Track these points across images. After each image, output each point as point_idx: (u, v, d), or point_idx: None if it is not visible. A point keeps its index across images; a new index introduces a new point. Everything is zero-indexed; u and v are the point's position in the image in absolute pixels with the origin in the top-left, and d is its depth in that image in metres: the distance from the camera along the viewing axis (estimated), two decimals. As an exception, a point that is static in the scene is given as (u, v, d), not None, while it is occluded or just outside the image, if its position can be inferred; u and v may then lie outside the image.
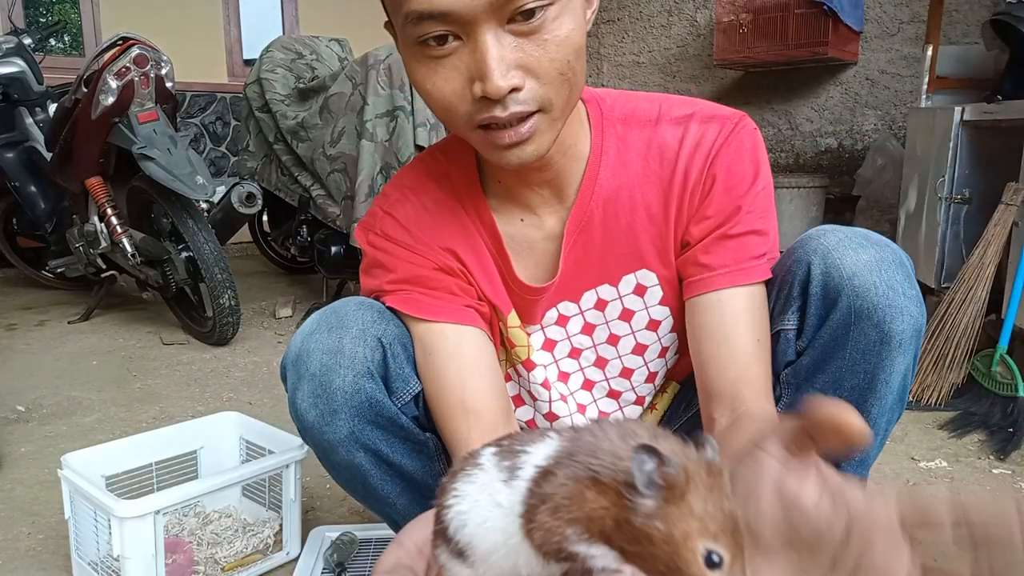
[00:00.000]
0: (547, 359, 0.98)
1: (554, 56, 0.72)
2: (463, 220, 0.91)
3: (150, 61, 2.63)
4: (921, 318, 0.82)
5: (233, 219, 3.26)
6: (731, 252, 0.85)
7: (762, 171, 0.87)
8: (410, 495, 0.98)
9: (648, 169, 0.88)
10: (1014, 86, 2.55)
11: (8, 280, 3.98)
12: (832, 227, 0.87)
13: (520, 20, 0.69)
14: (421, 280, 0.89)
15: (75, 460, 1.27)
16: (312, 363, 0.88)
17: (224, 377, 2.44)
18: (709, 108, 0.89)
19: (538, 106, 0.74)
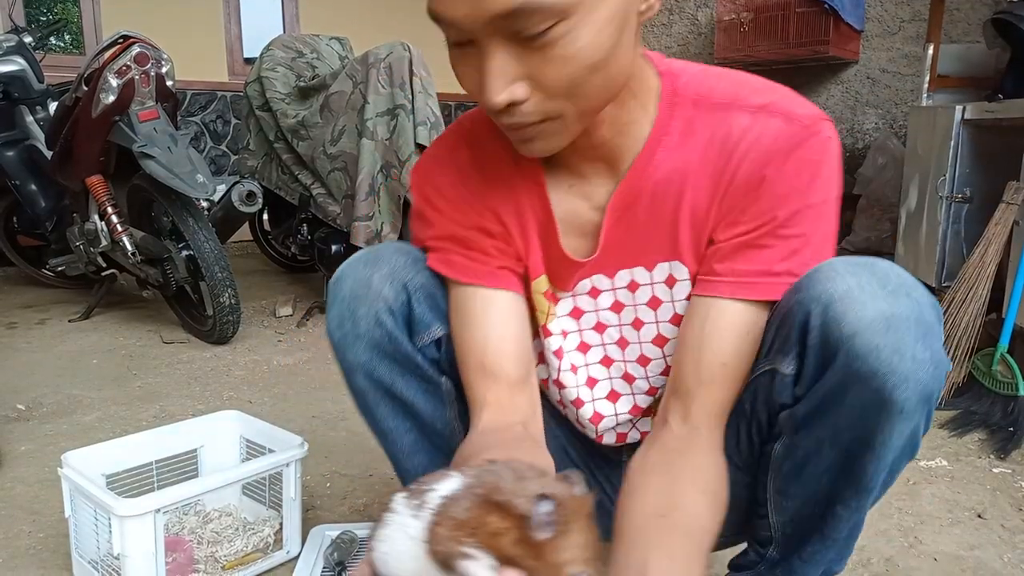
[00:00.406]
0: (572, 326, 0.97)
1: (561, 72, 0.70)
2: (513, 180, 0.90)
3: (151, 59, 2.63)
4: (933, 383, 0.73)
5: (233, 218, 3.26)
6: (744, 262, 0.81)
7: (818, 188, 0.79)
8: (416, 435, 1.03)
9: (707, 158, 0.82)
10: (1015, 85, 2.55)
11: (8, 278, 3.98)
12: (844, 267, 0.76)
13: (526, 35, 0.67)
14: (459, 239, 0.92)
15: (75, 458, 1.27)
16: (344, 288, 0.95)
17: (224, 376, 2.44)
18: (788, 102, 0.81)
19: (543, 117, 0.73)
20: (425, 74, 2.74)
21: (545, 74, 0.70)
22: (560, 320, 0.96)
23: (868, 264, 0.76)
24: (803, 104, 0.82)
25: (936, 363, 0.72)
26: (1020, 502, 1.58)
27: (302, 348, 2.76)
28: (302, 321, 3.10)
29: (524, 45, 0.68)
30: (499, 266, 0.91)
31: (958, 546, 1.41)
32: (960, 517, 1.51)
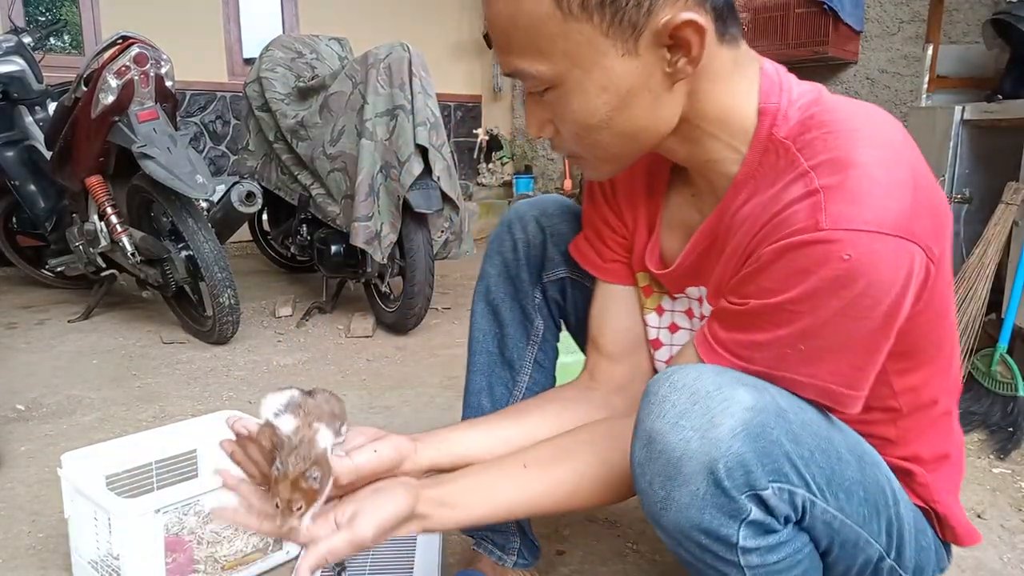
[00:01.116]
0: (686, 323, 1.02)
1: (563, 127, 0.81)
2: (642, 183, 0.97)
3: (150, 60, 2.63)
4: (660, 518, 0.73)
5: (233, 218, 3.25)
6: (720, 325, 0.79)
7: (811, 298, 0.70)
8: (488, 358, 1.17)
9: (762, 215, 0.76)
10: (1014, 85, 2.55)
11: (8, 279, 3.98)
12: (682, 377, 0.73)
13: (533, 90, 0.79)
14: (592, 226, 1.05)
15: (75, 459, 1.27)
16: (508, 215, 1.17)
17: (224, 376, 2.44)
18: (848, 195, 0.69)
19: (571, 155, 0.84)
20: (424, 75, 2.74)
21: (556, 123, 0.81)
22: (674, 315, 1.02)
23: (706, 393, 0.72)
24: (867, 200, 0.68)
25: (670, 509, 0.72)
26: (1020, 502, 1.58)
27: (301, 348, 2.76)
28: (301, 321, 3.10)
29: (540, 99, 0.79)
30: (612, 260, 1.03)
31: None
32: (959, 517, 1.51)
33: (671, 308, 1.02)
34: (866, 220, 0.67)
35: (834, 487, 0.76)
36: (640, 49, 0.73)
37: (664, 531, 0.75)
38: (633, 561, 1.36)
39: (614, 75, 0.74)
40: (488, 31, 0.77)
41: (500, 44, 0.76)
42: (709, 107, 0.80)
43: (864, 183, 0.69)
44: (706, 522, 0.71)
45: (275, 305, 3.30)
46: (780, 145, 0.77)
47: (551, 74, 0.75)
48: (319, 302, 3.30)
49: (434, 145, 2.70)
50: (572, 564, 1.35)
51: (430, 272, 2.78)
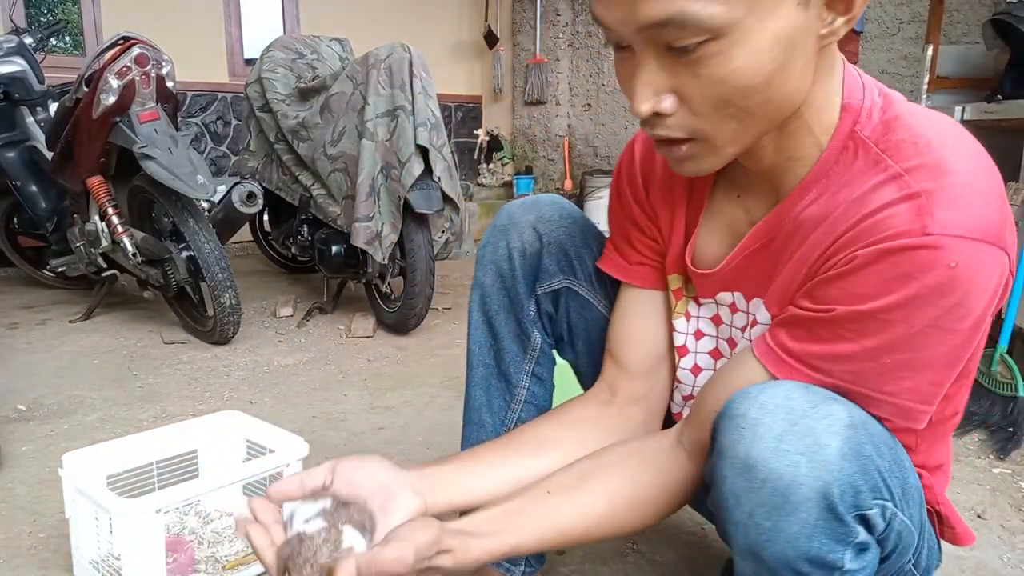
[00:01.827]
0: (710, 330, 0.98)
1: (708, 92, 0.66)
2: (689, 180, 0.91)
3: (151, 61, 2.63)
4: (761, 550, 0.68)
5: (234, 218, 3.26)
6: (788, 335, 0.74)
7: (907, 306, 0.66)
8: (486, 371, 1.14)
9: (847, 212, 0.72)
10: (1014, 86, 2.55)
11: (9, 279, 3.99)
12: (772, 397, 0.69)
13: (677, 47, 0.64)
14: (618, 226, 1.01)
15: (76, 459, 1.27)
16: (500, 218, 1.10)
17: (225, 376, 2.45)
18: (950, 201, 0.66)
19: (688, 135, 0.70)
20: (425, 75, 2.75)
21: (693, 90, 0.67)
22: (700, 321, 0.97)
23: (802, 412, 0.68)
24: (965, 207, 0.66)
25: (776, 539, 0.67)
26: (1020, 502, 1.58)
27: (302, 348, 2.77)
28: (302, 321, 3.10)
29: (676, 57, 0.65)
30: (639, 262, 0.99)
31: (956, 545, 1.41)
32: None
33: (697, 314, 0.97)
34: (972, 228, 0.65)
35: (907, 496, 0.74)
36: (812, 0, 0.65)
37: (762, 563, 0.70)
38: (633, 561, 1.36)
39: (787, 25, 0.64)
40: None
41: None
42: (817, 92, 0.73)
43: (966, 190, 0.67)
44: (815, 550, 0.67)
45: (276, 305, 3.30)
46: (861, 144, 0.73)
47: (723, 20, 0.61)
48: (320, 302, 3.30)
49: (435, 146, 2.70)
50: (572, 564, 1.35)
51: (431, 272, 2.78)
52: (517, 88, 6.12)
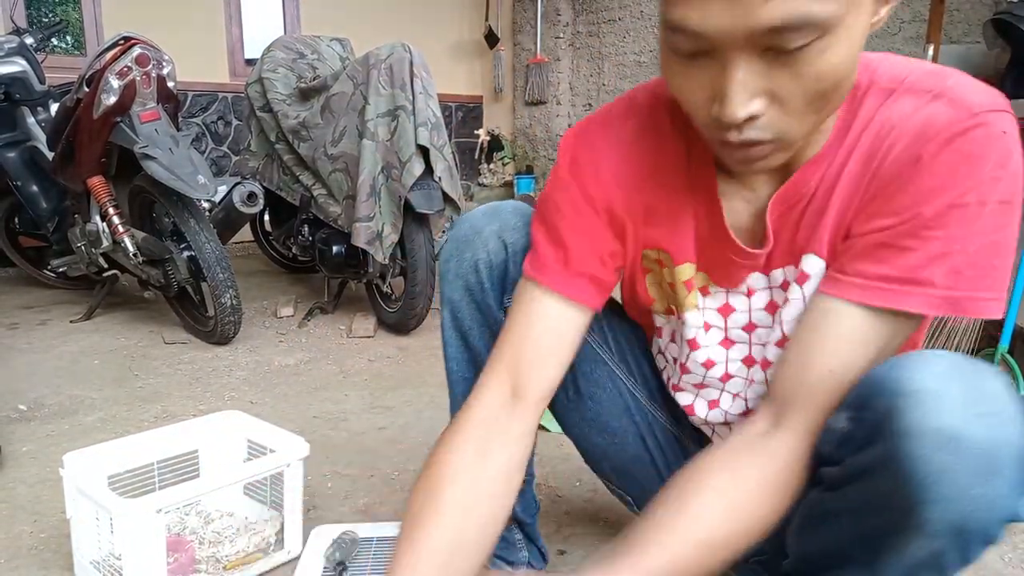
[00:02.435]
0: (718, 321, 0.93)
1: (808, 89, 0.65)
2: (680, 158, 0.86)
3: (152, 61, 2.63)
4: (975, 521, 0.67)
5: (235, 218, 3.26)
6: (875, 264, 0.73)
7: (976, 185, 0.69)
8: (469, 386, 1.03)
9: (863, 143, 0.75)
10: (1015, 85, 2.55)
11: (10, 279, 3.99)
12: (942, 366, 0.68)
13: (779, 50, 0.63)
14: (568, 225, 0.89)
15: (77, 459, 1.27)
16: (461, 230, 1.04)
17: (226, 376, 2.45)
18: (963, 88, 0.72)
19: (775, 135, 0.69)
20: (426, 75, 2.75)
21: (791, 90, 0.65)
22: (705, 312, 0.93)
23: (970, 375, 0.67)
24: (980, 91, 0.72)
25: (988, 504, 0.66)
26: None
27: (303, 348, 2.77)
28: (303, 321, 3.10)
29: (774, 59, 0.64)
30: (580, 272, 0.89)
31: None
32: (960, 517, 1.52)
33: (703, 306, 0.92)
34: (995, 102, 0.71)
35: None
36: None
37: (964, 536, 0.68)
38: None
39: (865, 20, 0.65)
40: None
41: None
42: None
43: (968, 80, 0.73)
44: (1014, 508, 0.67)
45: (277, 305, 3.30)
46: (879, 90, 0.76)
47: (836, 17, 0.61)
48: (321, 302, 3.30)
49: (435, 145, 2.70)
50: (573, 563, 1.35)
51: (431, 272, 2.78)
52: (518, 88, 6.12)
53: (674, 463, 1.09)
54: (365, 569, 1.28)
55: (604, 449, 1.13)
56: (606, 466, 1.16)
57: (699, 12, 0.62)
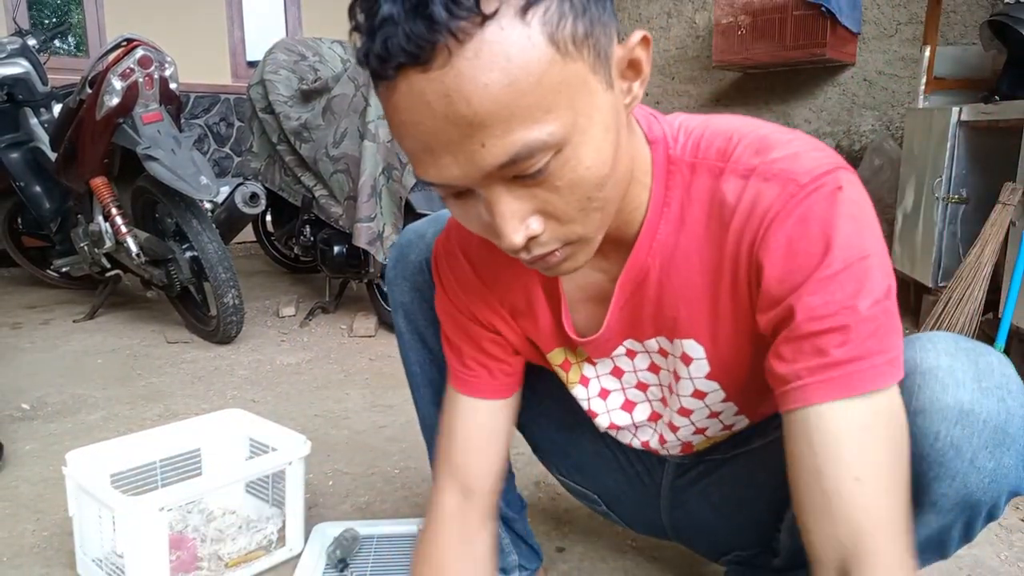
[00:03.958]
0: (614, 384, 0.93)
1: (570, 198, 0.63)
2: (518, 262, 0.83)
3: (154, 62, 2.65)
4: (984, 495, 0.69)
5: (237, 219, 3.27)
6: (807, 356, 0.66)
7: (834, 251, 0.65)
8: (434, 389, 1.10)
9: (710, 229, 0.73)
10: (1011, 86, 2.56)
11: (13, 279, 4.00)
12: (946, 345, 0.71)
13: (526, 175, 0.61)
14: (453, 328, 0.93)
15: (79, 457, 1.28)
16: (404, 237, 1.05)
17: (228, 375, 2.46)
18: (786, 154, 0.69)
19: (563, 243, 0.67)
20: (426, 76, 2.75)
21: (556, 204, 0.64)
22: (601, 379, 0.93)
23: (975, 352, 0.70)
24: (808, 156, 0.68)
25: (997, 477, 0.68)
26: (1017, 501, 1.59)
27: (305, 348, 2.78)
28: (305, 321, 3.11)
29: (526, 182, 0.62)
30: (476, 371, 0.92)
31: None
32: (954, 515, 1.53)
33: (595, 375, 0.93)
34: (825, 159, 0.68)
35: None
36: (612, 78, 0.63)
37: (974, 509, 0.70)
38: (632, 558, 1.38)
39: (607, 112, 0.63)
40: (469, 120, 0.57)
41: (497, 124, 0.57)
42: (632, 144, 0.72)
43: (796, 142, 0.70)
44: (1021, 482, 0.69)
45: (279, 305, 3.32)
46: (683, 163, 0.74)
47: (562, 132, 0.59)
48: (322, 302, 3.31)
49: (435, 146, 2.71)
50: (572, 561, 1.36)
51: (432, 273, 2.79)
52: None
53: (635, 457, 1.09)
54: (366, 566, 1.29)
55: (564, 446, 1.12)
56: (568, 464, 1.15)
57: (434, 170, 0.62)
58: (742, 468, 1.00)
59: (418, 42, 0.55)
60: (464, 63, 0.55)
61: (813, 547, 0.67)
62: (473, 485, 0.93)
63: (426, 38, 0.54)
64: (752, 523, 1.04)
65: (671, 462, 1.06)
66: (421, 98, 0.57)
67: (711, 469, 1.03)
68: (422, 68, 0.56)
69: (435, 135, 0.59)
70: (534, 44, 0.56)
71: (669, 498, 1.09)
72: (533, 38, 0.56)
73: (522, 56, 0.56)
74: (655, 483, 1.08)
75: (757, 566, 1.09)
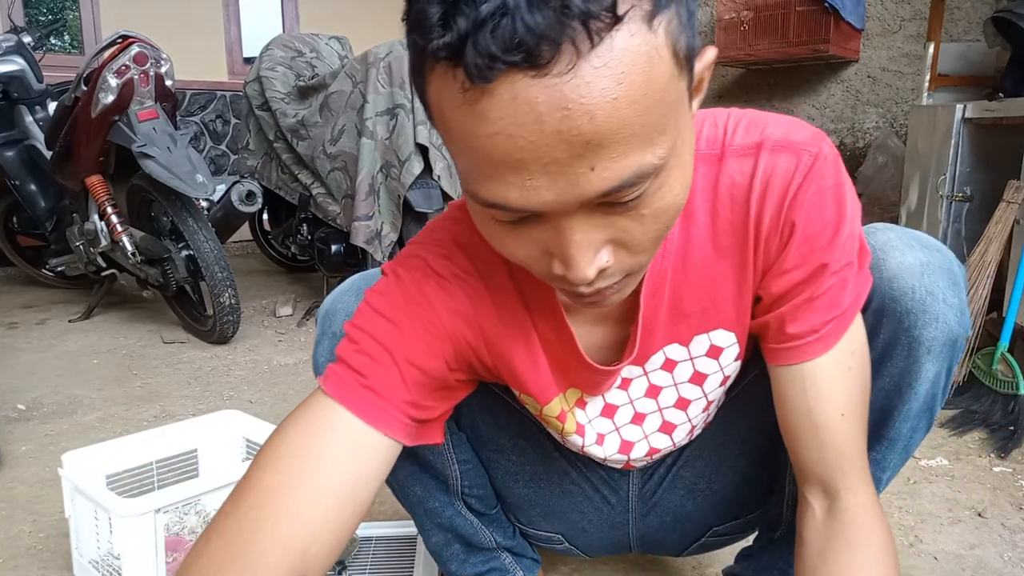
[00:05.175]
0: (607, 427, 0.88)
1: (651, 228, 0.58)
2: (510, 291, 0.78)
3: (150, 59, 2.63)
4: (959, 328, 0.78)
5: (233, 217, 3.26)
6: (819, 314, 0.72)
7: (847, 212, 0.71)
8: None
9: (718, 216, 0.73)
10: (1015, 83, 2.55)
11: (9, 279, 3.99)
12: (884, 226, 0.82)
13: (618, 203, 0.55)
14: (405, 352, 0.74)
15: (75, 458, 1.27)
16: (335, 323, 0.88)
17: (224, 376, 2.45)
18: (780, 130, 0.72)
19: (625, 274, 0.62)
20: (425, 73, 2.74)
21: (634, 233, 0.58)
22: (593, 423, 0.88)
23: (901, 227, 0.82)
24: (794, 126, 0.73)
25: (962, 311, 0.78)
26: (1020, 501, 1.58)
27: (302, 348, 2.76)
28: (302, 321, 3.10)
29: (612, 211, 0.56)
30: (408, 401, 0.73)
31: (958, 545, 1.41)
32: (960, 516, 1.51)
33: (587, 420, 0.87)
34: (817, 134, 0.73)
35: None
36: (694, 84, 0.59)
37: (957, 349, 0.79)
38: (633, 559, 1.36)
39: (691, 133, 0.59)
40: (586, 139, 0.49)
41: (615, 145, 0.50)
42: None
43: (780, 119, 0.75)
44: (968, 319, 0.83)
45: (275, 305, 3.30)
46: None
47: (667, 156, 0.54)
48: (320, 301, 3.29)
49: (434, 144, 2.70)
50: (572, 563, 1.35)
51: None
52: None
53: (600, 482, 1.06)
54: (364, 569, 1.27)
55: (531, 498, 1.07)
56: (535, 514, 1.09)
57: (518, 193, 0.53)
58: (709, 436, 0.96)
59: (540, 38, 0.46)
60: (591, 71, 0.47)
61: (803, 468, 0.78)
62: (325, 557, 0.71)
63: (551, 34, 0.46)
64: (735, 481, 1.01)
65: (635, 472, 1.03)
66: (529, 108, 0.48)
67: (675, 457, 1.00)
68: (537, 71, 0.47)
69: (535, 152, 0.50)
70: (661, 57, 0.50)
71: (639, 508, 1.06)
72: (660, 50, 0.50)
73: (651, 69, 0.50)
74: (622, 500, 1.06)
75: (761, 550, 1.08)
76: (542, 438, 1.00)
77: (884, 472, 0.87)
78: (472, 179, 0.55)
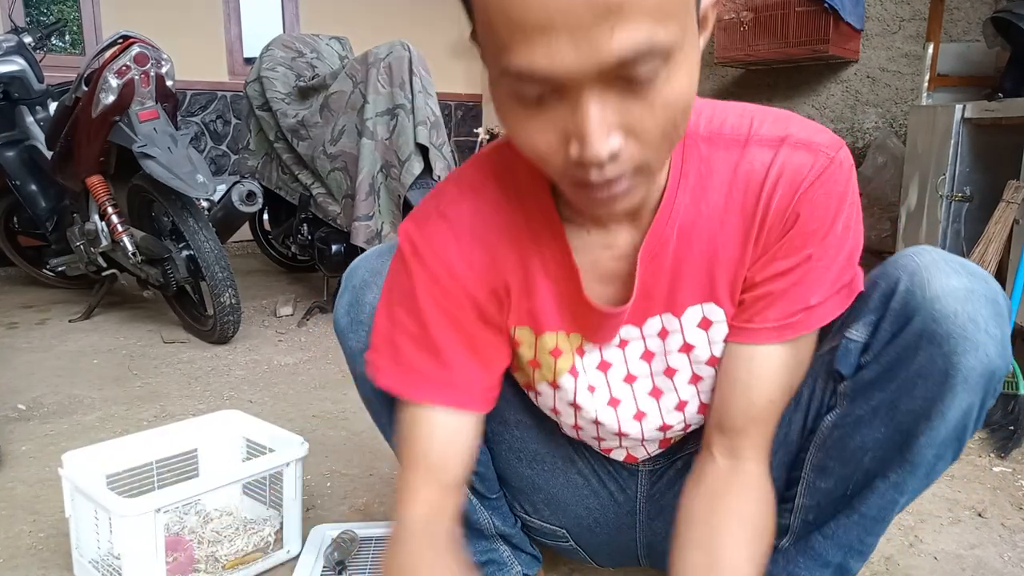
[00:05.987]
0: (599, 380, 0.91)
1: (660, 118, 0.62)
2: (522, 229, 0.83)
3: (150, 59, 2.63)
4: (999, 360, 0.76)
5: (234, 217, 3.26)
6: (785, 305, 0.79)
7: (843, 215, 0.77)
8: None
9: (732, 198, 0.79)
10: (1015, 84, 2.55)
11: (9, 278, 3.99)
12: (930, 248, 0.82)
13: (628, 81, 0.60)
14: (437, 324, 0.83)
15: (76, 458, 1.27)
16: (355, 277, 0.96)
17: (225, 375, 2.45)
18: (805, 131, 0.78)
19: (635, 167, 0.66)
20: (425, 74, 2.75)
21: (646, 121, 0.62)
22: (588, 373, 0.90)
23: (945, 251, 0.81)
24: (818, 130, 0.79)
25: (1004, 344, 0.76)
26: (1020, 501, 1.58)
27: (302, 348, 2.76)
28: (302, 321, 3.10)
29: (624, 93, 0.61)
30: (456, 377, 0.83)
31: (958, 545, 1.41)
32: (960, 516, 1.52)
33: (582, 368, 0.90)
34: (833, 135, 0.79)
35: None
36: (700, 15, 0.64)
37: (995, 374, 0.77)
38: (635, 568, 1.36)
39: (696, 45, 0.64)
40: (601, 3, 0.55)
41: (635, 12, 0.56)
42: None
43: (803, 121, 0.80)
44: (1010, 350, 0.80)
45: (276, 304, 3.30)
46: (698, 137, 0.79)
47: (677, 41, 0.59)
48: (320, 301, 3.30)
49: (435, 144, 2.70)
50: (572, 562, 1.35)
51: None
52: (517, 87, 6.11)
53: (607, 476, 1.07)
54: (364, 568, 1.28)
55: (534, 480, 1.09)
56: (538, 499, 1.11)
57: (543, 55, 0.57)
58: None
59: None
60: None
61: (721, 425, 0.85)
62: (446, 481, 0.86)
63: None
64: None
65: (644, 471, 1.04)
66: None
67: (687, 463, 1.00)
68: None
69: (562, 13, 0.55)
70: None
71: (647, 510, 1.07)
72: None
73: None
74: (630, 499, 1.06)
75: None
76: (547, 421, 1.02)
77: (902, 496, 0.86)
78: (503, 51, 0.60)
